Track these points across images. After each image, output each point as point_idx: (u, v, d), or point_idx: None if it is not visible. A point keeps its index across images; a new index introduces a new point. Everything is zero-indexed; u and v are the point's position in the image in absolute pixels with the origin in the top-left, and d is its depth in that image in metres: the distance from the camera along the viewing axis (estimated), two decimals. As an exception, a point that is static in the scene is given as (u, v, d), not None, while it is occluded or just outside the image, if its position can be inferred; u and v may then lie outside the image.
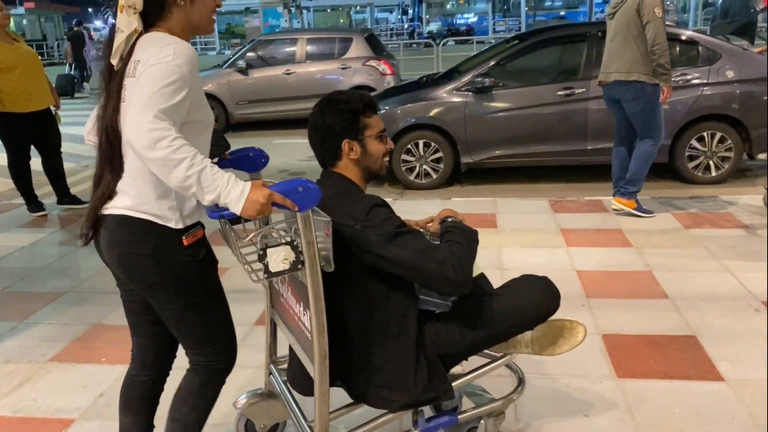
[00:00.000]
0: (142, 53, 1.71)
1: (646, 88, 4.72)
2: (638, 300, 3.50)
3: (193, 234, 1.81)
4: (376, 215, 1.85)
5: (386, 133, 2.04)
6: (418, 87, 6.87)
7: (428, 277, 1.83)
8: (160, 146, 1.54)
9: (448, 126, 6.18)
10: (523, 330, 2.11)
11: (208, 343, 1.92)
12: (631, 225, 4.72)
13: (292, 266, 1.69)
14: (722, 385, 2.67)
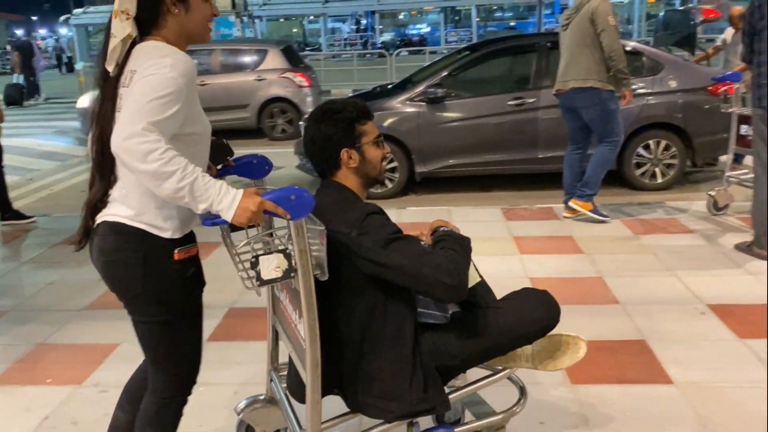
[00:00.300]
0: (138, 63, 1.70)
1: (602, 95, 4.85)
2: (590, 306, 3.56)
3: (186, 250, 1.81)
4: (372, 222, 1.85)
5: (381, 138, 2.06)
6: (372, 97, 6.88)
7: (424, 282, 1.81)
8: (150, 159, 1.54)
9: (403, 136, 6.21)
10: (523, 344, 2.09)
11: (170, 364, 1.90)
12: (582, 232, 4.82)
13: (285, 274, 1.69)
14: (671, 388, 2.73)
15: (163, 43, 1.75)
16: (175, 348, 1.88)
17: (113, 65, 1.75)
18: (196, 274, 1.87)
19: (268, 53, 10.35)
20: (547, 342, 2.14)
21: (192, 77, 1.69)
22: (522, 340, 2.06)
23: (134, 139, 1.54)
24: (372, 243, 1.82)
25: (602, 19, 4.74)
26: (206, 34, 1.85)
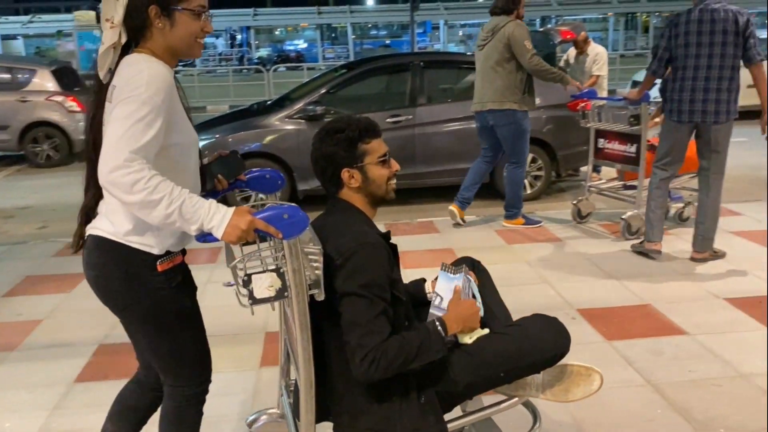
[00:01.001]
0: (118, 78, 1.70)
1: (517, 115, 5.10)
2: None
3: (169, 260, 1.81)
4: (355, 260, 1.79)
5: (389, 156, 2.00)
6: (250, 114, 6.78)
7: (346, 345, 1.77)
8: (136, 189, 1.55)
9: (283, 153, 6.16)
10: (530, 373, 2.02)
11: (179, 368, 1.93)
12: (460, 244, 4.98)
13: (278, 294, 1.66)
14: (548, 392, 2.87)
15: (145, 55, 1.73)
16: (179, 352, 1.90)
17: (104, 72, 1.76)
18: (183, 281, 1.87)
19: (37, 73, 9.73)
20: (558, 372, 2.06)
21: (169, 89, 1.68)
22: (529, 369, 1.99)
23: (118, 172, 1.54)
24: (341, 282, 1.79)
25: (519, 45, 4.97)
26: (194, 50, 1.81)
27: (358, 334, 1.75)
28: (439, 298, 2.03)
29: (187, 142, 1.80)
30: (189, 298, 1.91)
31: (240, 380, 3.09)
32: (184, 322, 1.89)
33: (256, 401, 2.90)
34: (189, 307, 1.90)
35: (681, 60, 4.22)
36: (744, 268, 4.28)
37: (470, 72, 6.83)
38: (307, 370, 1.74)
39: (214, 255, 4.94)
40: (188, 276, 1.92)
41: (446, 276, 2.07)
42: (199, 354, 1.96)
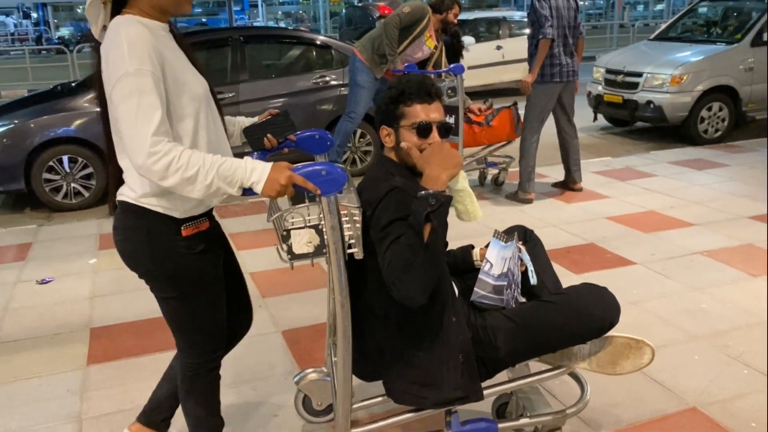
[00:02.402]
0: (103, 46, 1.64)
1: (356, 63, 5.42)
2: (311, 291, 3.67)
3: (194, 225, 1.79)
4: (384, 203, 1.77)
5: (432, 127, 1.87)
6: (54, 96, 6.16)
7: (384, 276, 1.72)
8: (170, 172, 1.55)
9: (96, 138, 5.65)
10: (575, 342, 1.95)
11: (193, 335, 1.92)
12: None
13: (317, 250, 1.67)
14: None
15: (128, 17, 1.66)
16: (194, 321, 1.89)
17: (98, 28, 1.70)
18: (207, 248, 1.83)
19: None
20: (607, 344, 2.00)
21: (153, 50, 1.60)
22: (575, 339, 1.93)
23: (148, 161, 1.55)
24: (375, 224, 1.77)
25: (400, 6, 5.28)
26: (183, 6, 1.73)
27: (383, 268, 1.71)
28: (489, 265, 2.00)
29: (198, 93, 1.74)
30: (212, 265, 1.87)
31: (63, 382, 2.83)
32: (203, 289, 1.86)
33: (86, 402, 2.67)
34: (210, 274, 1.86)
35: (560, 28, 4.94)
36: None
37: (294, 47, 6.81)
38: (344, 327, 1.74)
39: (22, 252, 4.46)
40: (213, 244, 1.87)
41: (498, 243, 2.03)
42: (213, 323, 1.93)
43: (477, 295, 2.00)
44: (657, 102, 7.35)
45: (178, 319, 1.90)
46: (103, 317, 3.42)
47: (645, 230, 4.46)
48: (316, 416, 2.46)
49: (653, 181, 5.71)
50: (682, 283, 3.60)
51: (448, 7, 5.41)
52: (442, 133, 1.90)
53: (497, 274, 2.00)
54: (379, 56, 5.32)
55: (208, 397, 2.05)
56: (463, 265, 2.23)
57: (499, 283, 1.99)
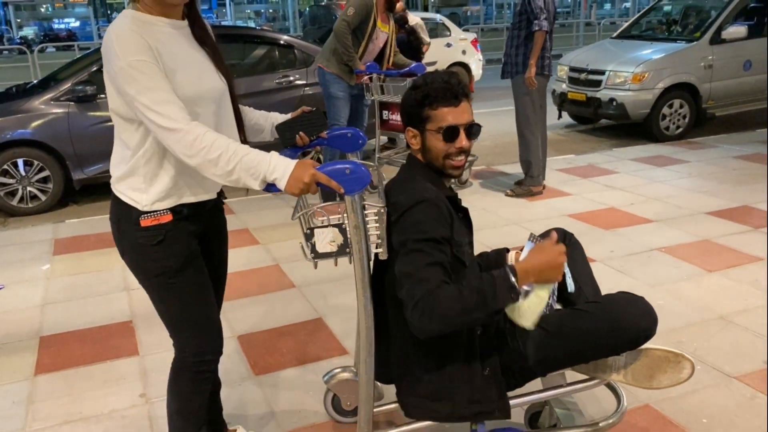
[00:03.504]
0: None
1: (325, 76, 5.28)
2: (269, 294, 3.63)
3: (155, 217, 1.76)
4: (410, 215, 1.71)
5: (459, 130, 1.80)
6: (7, 98, 6.00)
7: (401, 302, 1.68)
8: (193, 151, 1.58)
9: (51, 140, 5.53)
10: (609, 353, 1.86)
11: (173, 330, 1.90)
12: (256, 223, 4.87)
13: (340, 249, 1.67)
14: (347, 359, 2.92)
15: (125, 12, 1.70)
16: (170, 313, 1.87)
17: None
18: (170, 240, 1.78)
19: None
20: (643, 356, 1.91)
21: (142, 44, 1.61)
22: (608, 349, 1.84)
23: (171, 138, 1.59)
24: (397, 235, 1.72)
25: (345, 8, 5.13)
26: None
27: (408, 284, 1.65)
28: None
29: (186, 95, 1.68)
30: (175, 258, 1.80)
31: (8, 394, 2.74)
32: (168, 283, 1.82)
33: (31, 414, 2.59)
34: (173, 267, 1.80)
35: (550, 22, 4.98)
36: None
37: (257, 46, 6.73)
38: (367, 328, 1.73)
39: (-27, 259, 4.33)
40: (178, 235, 1.80)
41: (532, 246, 1.89)
42: (190, 321, 1.87)
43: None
44: (619, 99, 7.43)
45: (159, 311, 1.89)
46: (54, 325, 3.33)
47: (605, 227, 4.49)
48: (344, 416, 2.42)
49: (615, 178, 5.76)
50: (640, 280, 3.63)
51: None
52: (469, 135, 1.84)
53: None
54: (346, 65, 5.24)
55: (186, 399, 1.97)
56: (496, 268, 2.16)
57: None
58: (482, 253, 2.21)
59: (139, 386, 2.75)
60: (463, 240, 1.84)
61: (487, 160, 6.65)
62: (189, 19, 1.81)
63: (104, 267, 3.97)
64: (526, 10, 4.97)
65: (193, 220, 1.84)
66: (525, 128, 5.24)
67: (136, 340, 3.09)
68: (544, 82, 5.17)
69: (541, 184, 5.37)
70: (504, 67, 5.30)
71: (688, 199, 5.07)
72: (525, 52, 5.04)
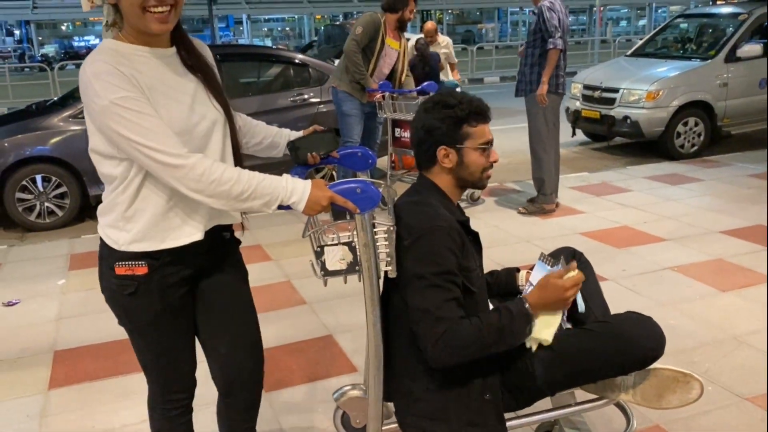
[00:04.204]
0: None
1: (338, 95, 5.36)
2: (280, 310, 3.65)
3: (129, 266, 1.65)
4: (426, 244, 1.73)
5: (491, 145, 1.87)
6: (28, 115, 6.12)
7: (416, 334, 1.72)
8: (201, 186, 1.51)
9: (69, 157, 5.63)
10: (617, 373, 1.87)
11: (145, 370, 1.85)
12: (268, 239, 4.91)
13: (350, 267, 1.69)
14: (357, 376, 2.93)
15: (103, 44, 1.60)
16: (140, 355, 1.82)
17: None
18: (142, 294, 1.67)
19: None
20: (652, 376, 1.91)
21: (119, 77, 1.50)
22: (616, 369, 1.85)
23: (176, 175, 1.51)
24: (410, 263, 1.73)
25: (353, 27, 5.22)
26: (149, 23, 1.55)
27: (428, 321, 1.69)
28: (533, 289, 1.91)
29: (177, 131, 1.56)
30: (146, 312, 1.70)
31: (23, 407, 2.78)
32: (139, 333, 1.76)
33: (44, 428, 2.63)
34: (144, 321, 1.72)
35: (566, 43, 5.01)
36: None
37: (272, 65, 6.81)
38: (376, 346, 1.75)
39: (-9, 273, 4.40)
40: (153, 289, 1.67)
41: (543, 267, 1.94)
42: (158, 369, 1.82)
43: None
44: (633, 117, 7.42)
45: (133, 349, 1.82)
46: (68, 339, 3.37)
47: (618, 245, 4.48)
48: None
49: (628, 196, 5.74)
50: (652, 299, 3.61)
51: (404, 5, 5.30)
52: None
53: None
54: (358, 83, 5.28)
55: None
56: (506, 287, 2.15)
57: None
58: (492, 271, 2.22)
59: (150, 401, 2.78)
60: (473, 264, 1.85)
61: (499, 177, 6.65)
62: (176, 45, 1.67)
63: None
64: (541, 29, 5.01)
65: (179, 265, 1.69)
66: (538, 146, 5.25)
67: (148, 355, 3.13)
68: (558, 101, 5.19)
69: (554, 202, 5.37)
70: (518, 85, 5.32)
71: (702, 217, 5.04)
72: (539, 71, 5.06)
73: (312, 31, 33.70)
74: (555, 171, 5.34)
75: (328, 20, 33.50)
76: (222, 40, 26.46)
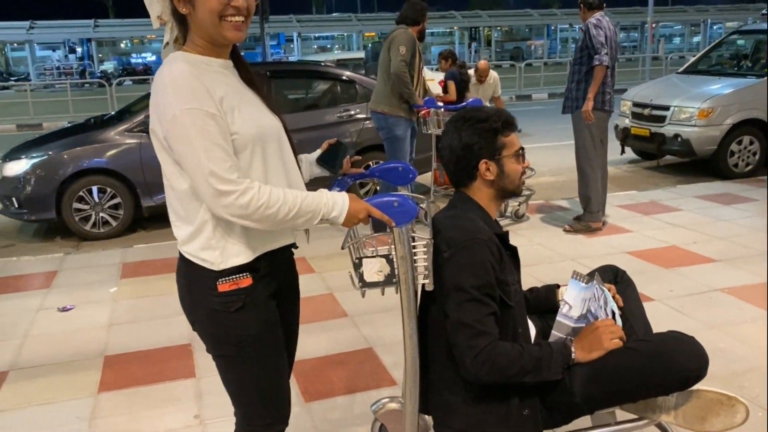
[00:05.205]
0: (152, 87, 1.60)
1: (389, 120, 5.25)
2: (321, 322, 3.69)
3: (233, 281, 1.63)
4: (466, 256, 1.75)
5: (523, 151, 1.92)
6: (86, 129, 6.38)
7: (454, 346, 1.74)
8: (250, 212, 1.52)
9: (124, 169, 5.84)
10: (658, 393, 1.83)
11: (242, 401, 1.77)
12: (312, 252, 4.97)
13: (387, 279, 1.70)
14: (396, 389, 2.94)
15: (176, 54, 1.61)
16: (241, 384, 1.74)
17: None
18: (250, 306, 1.66)
19: None
20: (695, 397, 1.86)
21: (197, 87, 1.52)
22: (657, 389, 1.81)
23: (222, 202, 1.51)
24: (449, 276, 1.75)
25: (394, 48, 5.13)
26: (225, 32, 1.59)
27: (468, 335, 1.70)
28: (568, 306, 1.94)
29: (254, 133, 1.61)
30: (254, 327, 1.68)
31: (74, 409, 2.88)
32: (244, 354, 1.68)
33: (93, 429, 2.72)
34: (252, 336, 1.67)
35: (612, 58, 4.96)
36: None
37: (320, 81, 6.94)
38: (413, 358, 1.76)
39: (47, 280, 4.58)
40: (258, 300, 1.68)
41: (577, 284, 1.95)
42: (262, 393, 1.75)
43: (554, 338, 1.92)
44: (685, 135, 7.27)
45: (226, 380, 1.76)
46: (118, 345, 3.48)
47: (665, 266, 4.38)
48: None
49: (678, 216, 5.62)
50: (700, 321, 3.52)
51: (424, 16, 5.32)
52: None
53: (576, 316, 1.92)
54: (406, 103, 5.28)
55: None
56: (546, 304, 2.15)
57: (579, 325, 1.92)
58: (532, 288, 2.21)
59: (194, 407, 2.84)
60: (510, 278, 1.86)
61: (545, 194, 6.60)
62: (233, 60, 1.73)
63: (167, 291, 4.13)
64: (587, 45, 4.98)
65: (272, 276, 1.72)
66: (585, 163, 5.20)
67: (193, 362, 3.21)
68: (605, 118, 5.13)
69: (601, 220, 5.29)
70: (565, 102, 5.29)
71: (755, 238, 4.89)
72: (585, 88, 5.02)
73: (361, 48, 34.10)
74: (602, 189, 5.27)
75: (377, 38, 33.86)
76: (273, 57, 26.98)
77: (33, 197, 5.73)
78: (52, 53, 38.43)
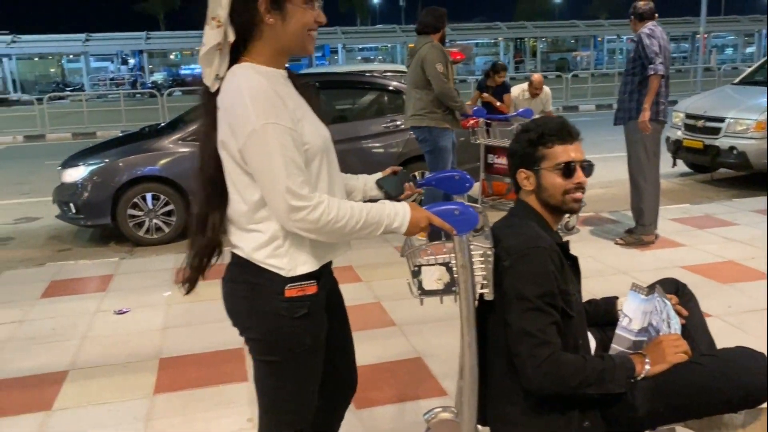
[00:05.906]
0: (222, 99, 1.58)
1: (434, 132, 5.23)
2: (370, 330, 3.70)
3: (301, 287, 1.65)
4: (528, 264, 1.74)
5: (574, 166, 1.85)
6: (141, 138, 6.57)
7: (516, 356, 1.73)
8: (321, 224, 1.54)
9: (177, 177, 5.98)
10: (724, 410, 1.77)
11: (274, 409, 1.77)
12: (359, 261, 5.00)
13: (446, 288, 1.70)
14: (446, 400, 2.92)
15: (246, 65, 1.60)
16: (280, 390, 1.74)
17: (211, 79, 1.60)
18: (312, 314, 1.68)
19: None
20: (763, 415, 1.81)
21: (275, 100, 1.54)
22: (722, 406, 1.75)
23: (295, 216, 1.53)
24: (510, 285, 1.74)
25: (431, 68, 5.11)
26: (308, 45, 1.67)
27: (530, 344, 1.69)
28: (628, 319, 1.91)
29: (317, 145, 1.64)
30: (312, 334, 1.69)
31: (130, 409, 2.95)
32: (298, 358, 1.70)
33: (149, 430, 2.78)
34: (307, 345, 1.69)
35: (667, 69, 4.90)
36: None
37: (366, 92, 7.00)
38: (471, 367, 1.74)
39: (104, 283, 4.72)
40: (318, 309, 1.70)
41: (637, 297, 1.92)
42: (301, 400, 1.76)
43: (614, 351, 1.90)
44: (740, 148, 7.08)
45: (265, 385, 1.76)
46: (173, 348, 3.56)
47: (722, 281, 4.26)
48: None
49: (734, 230, 5.46)
50: (761, 339, 3.41)
51: (444, 21, 5.29)
52: (585, 172, 1.89)
53: (637, 329, 1.89)
54: (451, 112, 5.28)
55: None
56: (606, 316, 2.12)
57: (640, 338, 1.89)
58: (591, 300, 2.18)
59: (248, 411, 2.88)
60: (571, 288, 1.84)
61: (596, 206, 6.50)
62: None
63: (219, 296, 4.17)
64: (640, 56, 4.90)
65: (324, 285, 1.72)
66: (638, 175, 5.10)
67: (245, 366, 3.25)
68: (659, 129, 5.04)
69: (653, 234, 5.18)
70: (617, 113, 5.21)
71: (817, 254, 4.72)
72: (639, 98, 4.93)
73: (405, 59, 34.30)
74: (655, 201, 5.17)
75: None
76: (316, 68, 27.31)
77: (90, 203, 5.92)
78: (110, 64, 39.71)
